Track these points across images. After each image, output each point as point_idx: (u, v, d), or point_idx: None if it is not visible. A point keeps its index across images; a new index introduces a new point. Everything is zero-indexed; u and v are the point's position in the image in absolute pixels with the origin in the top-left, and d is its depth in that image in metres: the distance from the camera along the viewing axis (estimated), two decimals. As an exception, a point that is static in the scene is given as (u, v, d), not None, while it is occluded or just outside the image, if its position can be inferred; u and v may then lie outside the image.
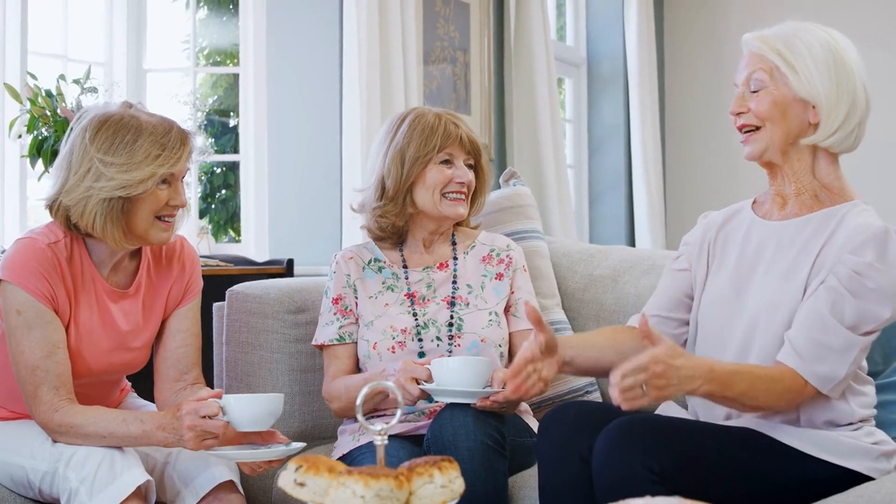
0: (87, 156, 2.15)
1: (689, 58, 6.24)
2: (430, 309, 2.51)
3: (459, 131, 2.53)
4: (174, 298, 2.37)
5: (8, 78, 3.34)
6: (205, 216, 6.09)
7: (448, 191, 2.51)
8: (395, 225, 2.53)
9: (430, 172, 2.50)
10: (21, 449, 2.16)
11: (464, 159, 2.54)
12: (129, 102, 2.26)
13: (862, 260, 1.96)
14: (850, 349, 1.97)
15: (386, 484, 1.30)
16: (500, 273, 2.57)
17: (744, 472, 1.95)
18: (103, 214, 2.15)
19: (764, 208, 2.19)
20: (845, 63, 2.05)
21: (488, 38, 4.74)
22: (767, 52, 2.08)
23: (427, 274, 2.56)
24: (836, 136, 2.06)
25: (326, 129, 3.93)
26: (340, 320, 2.52)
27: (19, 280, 2.15)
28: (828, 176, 2.10)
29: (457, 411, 2.19)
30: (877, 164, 5.60)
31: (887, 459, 2.03)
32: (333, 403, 2.49)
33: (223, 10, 6.40)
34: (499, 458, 2.19)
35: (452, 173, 2.51)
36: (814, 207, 2.10)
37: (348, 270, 2.55)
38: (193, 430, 2.05)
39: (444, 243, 2.61)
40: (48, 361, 2.14)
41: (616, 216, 5.88)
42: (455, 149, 2.52)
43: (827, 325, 1.96)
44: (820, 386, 1.96)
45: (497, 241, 2.64)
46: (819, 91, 2.04)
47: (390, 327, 2.47)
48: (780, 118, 2.07)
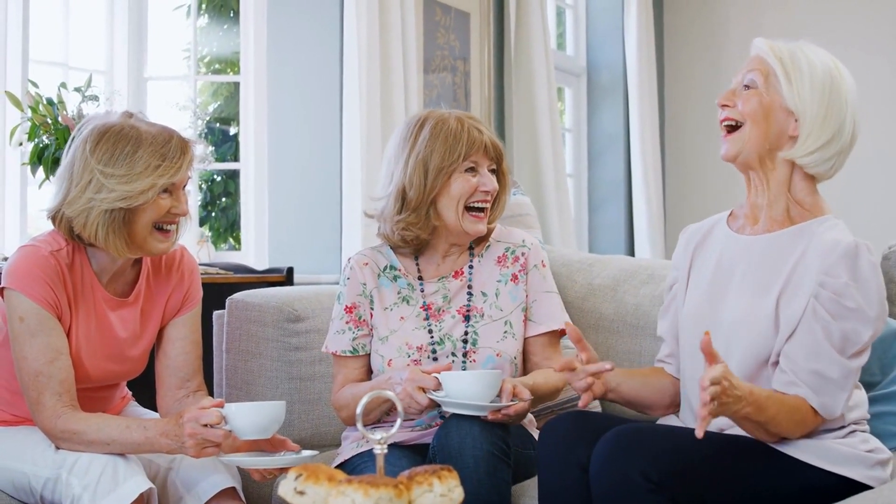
0: (88, 167, 2.15)
1: (689, 67, 6.25)
2: (445, 324, 2.44)
3: (483, 137, 2.41)
4: (172, 307, 2.37)
5: (9, 86, 3.34)
6: (205, 224, 6.10)
7: (473, 201, 2.40)
8: (419, 238, 2.43)
9: (455, 183, 2.39)
10: (23, 455, 2.17)
11: (487, 165, 2.43)
12: (129, 112, 2.27)
13: (838, 281, 1.98)
14: (848, 377, 2.00)
15: (385, 493, 1.30)
16: (515, 275, 2.49)
17: (740, 481, 1.96)
18: (105, 225, 2.16)
19: (738, 223, 2.20)
20: (841, 92, 2.07)
21: (488, 47, 4.75)
22: (769, 57, 2.10)
23: (443, 284, 2.48)
24: (814, 156, 2.07)
25: (327, 137, 3.94)
26: (354, 331, 2.45)
27: (23, 287, 2.15)
28: (801, 191, 2.12)
29: (463, 420, 2.18)
30: (871, 175, 5.62)
31: (882, 468, 2.04)
32: (342, 412, 2.46)
33: (224, 19, 6.41)
34: (503, 467, 2.19)
35: (477, 182, 2.40)
36: (784, 223, 2.11)
37: (364, 279, 2.47)
38: (194, 438, 2.06)
39: (462, 253, 2.52)
40: (51, 367, 2.15)
41: (615, 225, 5.89)
42: (479, 156, 2.41)
43: (825, 356, 1.97)
44: (827, 415, 1.99)
45: (512, 236, 2.54)
46: (806, 106, 2.06)
47: (406, 344, 2.41)
48: (761, 120, 2.08)
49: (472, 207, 2.41)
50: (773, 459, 1.98)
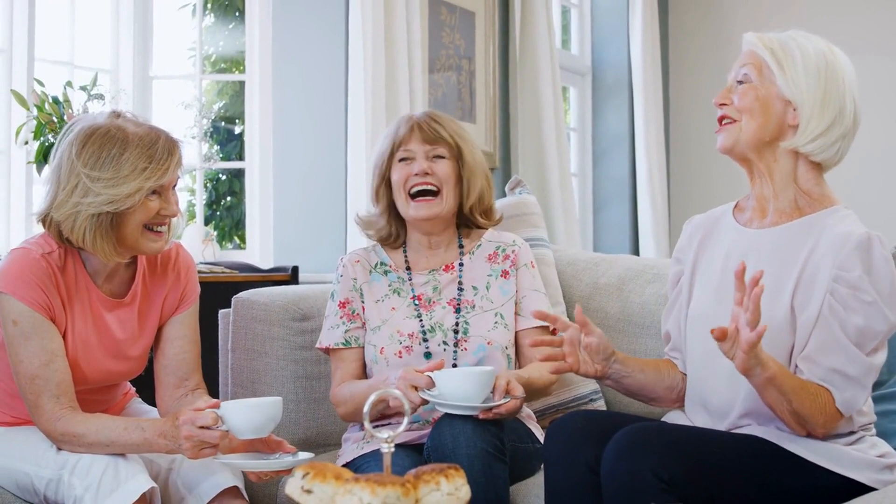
0: (74, 171, 2.13)
1: (694, 66, 6.25)
2: (435, 313, 2.49)
3: (412, 124, 2.49)
4: (170, 306, 2.36)
5: (15, 84, 3.35)
6: (210, 223, 6.10)
7: (412, 186, 2.47)
8: (386, 229, 2.56)
9: (394, 174, 2.51)
10: (26, 455, 2.17)
11: (426, 151, 2.49)
12: (116, 112, 2.24)
13: (852, 275, 1.96)
14: (869, 374, 1.98)
15: (393, 491, 1.30)
16: (506, 271, 2.54)
17: (751, 480, 1.95)
18: (93, 229, 2.13)
19: (745, 216, 2.18)
20: (837, 74, 2.05)
21: (493, 46, 4.75)
22: (760, 49, 2.08)
23: (433, 276, 2.54)
24: (817, 143, 2.05)
25: (332, 136, 3.94)
26: (347, 324, 2.51)
27: (14, 290, 2.14)
28: (808, 182, 2.09)
29: (456, 419, 2.19)
30: (877, 170, 5.61)
31: (891, 471, 2.03)
32: (339, 408, 2.49)
33: (229, 18, 6.42)
34: (499, 465, 2.19)
35: (411, 168, 2.48)
36: (793, 215, 2.09)
37: (355, 274, 2.54)
38: (190, 441, 2.05)
39: (449, 246, 2.58)
40: (47, 370, 2.14)
41: (620, 224, 5.89)
42: (413, 143, 2.49)
43: (844, 352, 1.96)
44: (846, 410, 1.97)
45: (503, 237, 2.61)
46: (803, 93, 2.04)
47: (397, 332, 2.46)
48: (759, 113, 2.06)
49: (413, 193, 2.49)
50: (782, 460, 1.98)
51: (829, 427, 1.99)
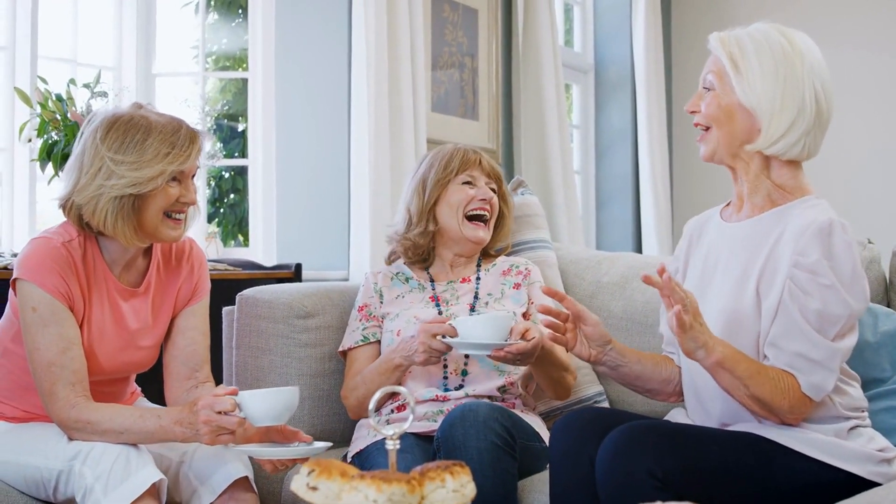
0: (98, 155, 2.18)
1: (697, 63, 6.19)
2: (452, 308, 2.61)
3: (478, 156, 2.67)
4: (183, 298, 2.39)
5: (18, 82, 3.35)
6: (213, 220, 6.10)
7: (471, 209, 2.62)
8: (417, 245, 2.64)
9: (452, 192, 2.62)
10: (35, 450, 2.18)
11: (485, 181, 2.66)
12: (139, 103, 2.30)
13: (810, 259, 1.96)
14: (833, 358, 1.97)
15: (398, 488, 1.30)
16: (518, 283, 2.66)
17: (747, 477, 1.96)
18: (114, 212, 2.18)
19: (728, 212, 2.21)
20: (794, 69, 2.04)
21: (496, 43, 4.75)
22: (721, 54, 2.11)
23: (451, 286, 2.67)
24: (780, 144, 2.06)
25: (334, 133, 3.94)
26: (365, 324, 2.63)
27: (34, 277, 2.17)
28: (782, 177, 2.11)
29: (467, 412, 2.22)
30: (876, 173, 5.61)
31: (889, 464, 2.04)
32: (349, 399, 2.55)
33: (232, 16, 6.42)
34: (508, 459, 2.21)
35: (475, 192, 2.62)
36: (765, 208, 2.11)
37: (376, 280, 2.69)
38: (209, 425, 2.06)
39: (469, 265, 2.71)
40: (64, 357, 2.15)
41: (623, 222, 5.88)
42: (475, 171, 2.65)
43: (805, 336, 1.96)
44: (814, 395, 1.97)
45: (517, 259, 2.75)
46: (760, 99, 2.05)
47: (414, 317, 2.55)
48: (725, 122, 2.09)
49: (471, 216, 2.63)
50: (778, 455, 1.98)
51: (799, 412, 1.99)
